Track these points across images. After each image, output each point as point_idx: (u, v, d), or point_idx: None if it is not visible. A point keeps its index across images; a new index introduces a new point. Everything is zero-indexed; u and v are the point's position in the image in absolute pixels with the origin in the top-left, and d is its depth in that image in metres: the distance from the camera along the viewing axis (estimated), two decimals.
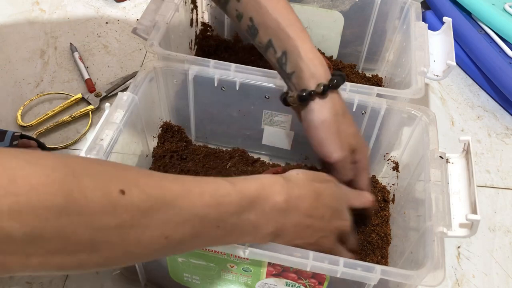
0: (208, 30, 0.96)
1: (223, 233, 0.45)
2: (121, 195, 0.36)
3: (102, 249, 0.36)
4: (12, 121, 0.86)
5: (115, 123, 0.60)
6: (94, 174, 0.36)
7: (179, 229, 0.40)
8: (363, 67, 0.97)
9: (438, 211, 0.54)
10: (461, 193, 0.56)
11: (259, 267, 0.54)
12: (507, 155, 0.89)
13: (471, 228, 0.51)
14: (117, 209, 0.36)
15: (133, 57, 1.00)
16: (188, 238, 0.42)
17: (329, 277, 0.52)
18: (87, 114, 0.89)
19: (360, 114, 0.69)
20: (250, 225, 0.46)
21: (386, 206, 0.71)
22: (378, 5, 0.88)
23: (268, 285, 0.57)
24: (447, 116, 0.94)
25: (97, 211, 0.35)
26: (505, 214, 0.79)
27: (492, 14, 0.99)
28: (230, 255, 0.53)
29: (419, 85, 0.68)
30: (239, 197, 0.45)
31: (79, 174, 0.35)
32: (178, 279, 0.61)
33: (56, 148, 0.83)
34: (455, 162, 0.59)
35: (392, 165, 0.73)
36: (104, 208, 0.35)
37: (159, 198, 0.39)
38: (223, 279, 0.58)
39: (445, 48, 0.76)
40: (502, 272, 0.72)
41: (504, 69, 0.92)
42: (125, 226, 0.36)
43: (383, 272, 0.48)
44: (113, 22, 1.08)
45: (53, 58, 0.99)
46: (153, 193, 0.39)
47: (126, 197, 0.36)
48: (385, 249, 0.65)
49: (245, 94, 0.72)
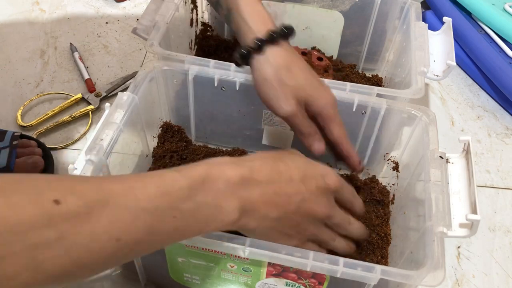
0: (208, 30, 0.96)
1: (183, 223, 0.42)
2: (55, 205, 0.34)
3: (47, 266, 0.33)
4: (12, 121, 0.87)
5: (115, 123, 0.60)
6: (24, 189, 0.34)
7: (129, 229, 0.38)
8: (363, 67, 0.97)
9: (438, 211, 0.54)
10: (461, 193, 0.56)
11: (259, 267, 0.54)
12: (507, 155, 0.89)
13: (471, 228, 0.51)
14: (53, 220, 0.33)
15: (133, 57, 1.00)
16: (144, 236, 0.39)
17: (329, 277, 0.52)
18: (87, 114, 0.89)
19: (360, 114, 0.69)
20: (210, 207, 0.43)
21: (387, 206, 0.71)
22: (378, 5, 0.88)
23: (268, 285, 0.57)
24: (447, 116, 0.94)
25: (31, 226, 0.33)
26: (505, 214, 0.79)
27: (492, 14, 0.99)
28: (230, 255, 0.53)
29: (419, 85, 0.68)
30: (188, 181, 0.42)
31: (7, 192, 0.33)
32: (178, 279, 0.61)
33: (56, 148, 0.83)
34: (455, 162, 0.59)
35: (392, 165, 0.73)
36: (39, 222, 0.33)
37: (99, 200, 0.37)
38: (223, 279, 0.58)
39: (445, 48, 0.76)
40: (502, 272, 0.72)
41: (504, 69, 0.92)
42: (67, 236, 0.34)
43: (383, 272, 0.48)
44: (113, 22, 1.08)
45: (53, 58, 0.99)
46: (92, 197, 0.36)
47: (61, 206, 0.34)
48: (385, 249, 0.65)
49: (245, 94, 0.72)
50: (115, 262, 0.40)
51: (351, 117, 0.70)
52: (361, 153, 0.75)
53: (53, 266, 0.34)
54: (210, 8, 0.96)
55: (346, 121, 0.70)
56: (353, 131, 0.72)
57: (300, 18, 0.92)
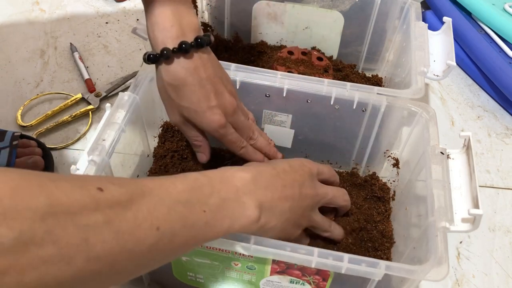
0: (208, 30, 0.96)
1: (212, 218, 0.44)
2: (100, 192, 0.36)
3: (98, 250, 0.34)
4: (12, 121, 0.86)
5: (116, 123, 0.60)
6: (68, 179, 0.36)
7: (166, 218, 0.40)
8: (363, 67, 0.97)
9: (440, 207, 0.54)
10: (462, 188, 0.56)
11: (263, 265, 0.54)
12: (507, 155, 0.89)
13: (474, 223, 0.52)
14: (100, 205, 0.35)
15: (133, 57, 1.01)
16: (180, 228, 0.41)
17: (333, 274, 0.52)
18: (87, 114, 0.89)
19: (361, 111, 0.70)
20: (234, 202, 0.47)
21: (387, 203, 0.71)
22: (378, 5, 0.88)
23: (272, 282, 0.56)
24: (447, 116, 0.94)
25: (81, 209, 0.34)
26: (505, 214, 0.79)
27: (492, 14, 1.00)
28: (234, 253, 0.53)
29: (419, 85, 0.69)
30: (207, 179, 0.46)
31: (54, 178, 0.34)
32: (182, 278, 0.61)
33: (56, 148, 0.83)
34: (455, 157, 0.60)
35: (392, 161, 0.73)
36: (88, 206, 0.34)
37: (137, 190, 0.39)
38: (227, 277, 0.58)
39: (445, 48, 0.77)
40: (502, 272, 0.72)
41: (504, 69, 0.92)
42: (113, 221, 0.36)
43: (388, 268, 0.48)
44: (113, 22, 1.08)
45: (53, 58, 0.99)
46: (130, 187, 0.39)
47: (105, 193, 0.36)
48: (387, 245, 0.65)
49: (245, 93, 0.72)
50: (158, 254, 0.41)
51: (352, 115, 0.70)
52: (361, 150, 0.75)
53: (104, 251, 0.35)
54: (210, 8, 0.96)
55: (346, 118, 0.71)
56: (353, 128, 0.73)
57: (300, 18, 0.92)
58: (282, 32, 0.95)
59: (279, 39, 0.97)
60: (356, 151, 0.76)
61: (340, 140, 0.75)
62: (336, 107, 0.70)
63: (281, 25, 0.94)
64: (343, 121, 0.72)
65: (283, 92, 0.69)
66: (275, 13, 0.92)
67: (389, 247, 0.65)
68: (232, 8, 0.94)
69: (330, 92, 0.68)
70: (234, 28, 0.97)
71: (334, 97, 0.68)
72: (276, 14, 0.93)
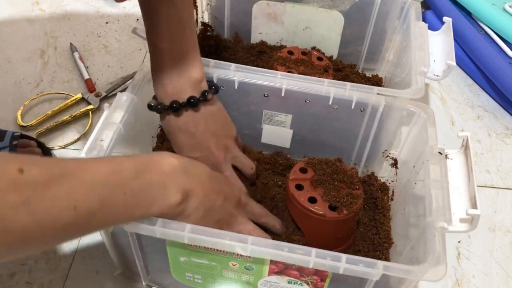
0: (208, 30, 0.96)
1: (132, 200, 0.46)
2: (19, 174, 0.37)
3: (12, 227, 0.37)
4: (12, 121, 0.86)
5: (114, 123, 0.60)
6: None
7: (85, 198, 0.42)
8: (363, 67, 0.97)
9: (438, 207, 0.54)
10: (460, 189, 0.56)
11: (261, 265, 0.54)
12: (507, 155, 0.89)
13: (472, 223, 0.51)
14: (18, 186, 0.37)
15: (133, 57, 1.01)
16: (98, 208, 0.43)
17: (331, 274, 0.52)
18: (87, 114, 0.89)
19: (359, 111, 0.70)
20: (156, 186, 0.48)
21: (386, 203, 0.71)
22: (378, 5, 0.88)
23: (270, 283, 0.56)
24: (447, 116, 0.94)
25: None
26: (505, 214, 0.79)
27: (492, 14, 1.00)
28: (232, 254, 0.53)
29: (419, 85, 0.69)
30: (133, 163, 0.48)
31: None
32: (180, 279, 0.61)
33: (56, 148, 0.83)
34: (454, 157, 0.59)
35: (391, 161, 0.73)
36: (6, 187, 0.36)
37: (59, 171, 0.40)
38: (225, 277, 0.58)
39: (445, 48, 0.76)
40: (502, 272, 0.72)
41: (504, 69, 0.92)
42: (31, 201, 0.37)
43: (385, 268, 0.48)
44: (113, 22, 1.09)
45: (53, 58, 0.99)
46: (52, 168, 0.40)
47: (25, 174, 0.37)
48: (385, 245, 0.65)
49: (244, 94, 0.72)
50: (74, 231, 0.44)
51: (350, 115, 0.70)
52: (360, 150, 0.75)
53: (19, 228, 0.37)
54: (210, 8, 0.96)
55: (345, 118, 0.71)
56: (352, 128, 0.73)
57: (300, 18, 0.92)
58: (282, 32, 0.95)
59: (279, 39, 0.97)
60: (355, 151, 0.76)
61: (339, 140, 0.75)
62: (335, 107, 0.70)
63: (281, 25, 0.94)
64: (342, 121, 0.72)
65: (281, 92, 0.69)
66: (275, 13, 0.92)
67: (387, 247, 0.65)
68: (232, 8, 0.94)
69: (329, 92, 0.68)
70: (234, 28, 0.97)
71: (333, 97, 0.68)
72: (276, 14, 0.93)
